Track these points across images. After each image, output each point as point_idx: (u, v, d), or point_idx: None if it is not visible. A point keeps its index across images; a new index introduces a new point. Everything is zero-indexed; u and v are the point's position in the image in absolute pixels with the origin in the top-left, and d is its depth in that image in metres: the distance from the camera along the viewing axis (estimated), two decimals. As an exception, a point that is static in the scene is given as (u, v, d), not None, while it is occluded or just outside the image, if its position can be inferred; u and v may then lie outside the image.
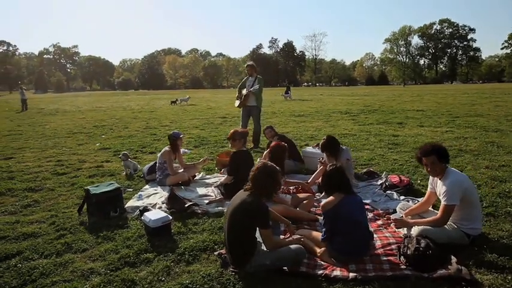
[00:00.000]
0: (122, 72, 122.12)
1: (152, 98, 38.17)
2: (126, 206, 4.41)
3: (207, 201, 4.57)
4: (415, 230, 3.22)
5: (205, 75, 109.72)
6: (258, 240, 2.93)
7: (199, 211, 4.21)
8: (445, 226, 3.21)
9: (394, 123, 11.40)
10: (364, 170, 5.47)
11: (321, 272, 2.81)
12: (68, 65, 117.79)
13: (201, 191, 5.09)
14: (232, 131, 5.27)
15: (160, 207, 4.34)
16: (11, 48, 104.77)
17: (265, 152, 5.31)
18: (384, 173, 5.34)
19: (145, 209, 4.10)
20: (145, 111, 19.46)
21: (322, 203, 3.09)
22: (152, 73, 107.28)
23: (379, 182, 5.00)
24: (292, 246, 2.90)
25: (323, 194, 4.56)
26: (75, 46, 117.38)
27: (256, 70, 8.22)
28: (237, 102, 8.27)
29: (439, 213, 3.22)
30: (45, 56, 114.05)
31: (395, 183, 4.69)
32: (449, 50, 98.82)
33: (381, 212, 4.03)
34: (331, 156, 4.90)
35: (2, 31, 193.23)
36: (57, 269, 3.00)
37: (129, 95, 52.69)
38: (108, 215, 4.06)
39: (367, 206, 4.20)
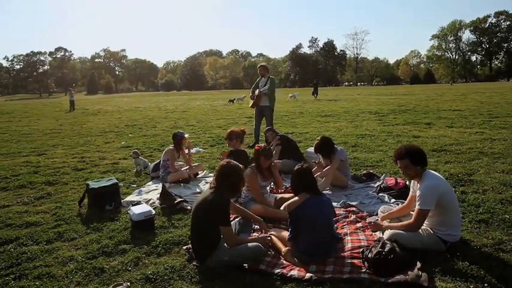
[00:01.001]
0: (166, 74, 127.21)
1: (190, 98, 39.44)
2: (123, 200, 4.69)
3: (199, 199, 4.72)
4: (386, 234, 3.13)
5: (245, 75, 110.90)
6: (220, 236, 3.01)
7: (189, 207, 4.37)
8: (420, 231, 3.08)
9: (422, 124, 10.86)
10: (364, 172, 5.33)
11: (278, 271, 2.83)
12: (116, 68, 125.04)
13: (198, 188, 5.26)
14: (229, 131, 5.48)
15: (153, 203, 4.56)
16: (67, 54, 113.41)
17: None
18: (383, 175, 5.17)
19: (138, 204, 4.34)
20: (177, 111, 20.19)
21: (286, 203, 3.10)
22: (194, 74, 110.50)
23: (377, 184, 4.85)
24: (250, 244, 2.95)
25: None
26: (123, 50, 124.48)
27: (269, 71, 8.33)
28: (251, 103, 8.40)
29: (412, 217, 3.10)
30: (96, 60, 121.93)
31: (390, 186, 4.54)
32: (506, 45, 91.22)
33: (364, 214, 3.93)
34: (325, 157, 4.86)
35: (61, 38, 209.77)
36: (43, 255, 3.30)
37: (170, 95, 54.85)
38: (103, 208, 4.35)
39: (352, 208, 4.12)
